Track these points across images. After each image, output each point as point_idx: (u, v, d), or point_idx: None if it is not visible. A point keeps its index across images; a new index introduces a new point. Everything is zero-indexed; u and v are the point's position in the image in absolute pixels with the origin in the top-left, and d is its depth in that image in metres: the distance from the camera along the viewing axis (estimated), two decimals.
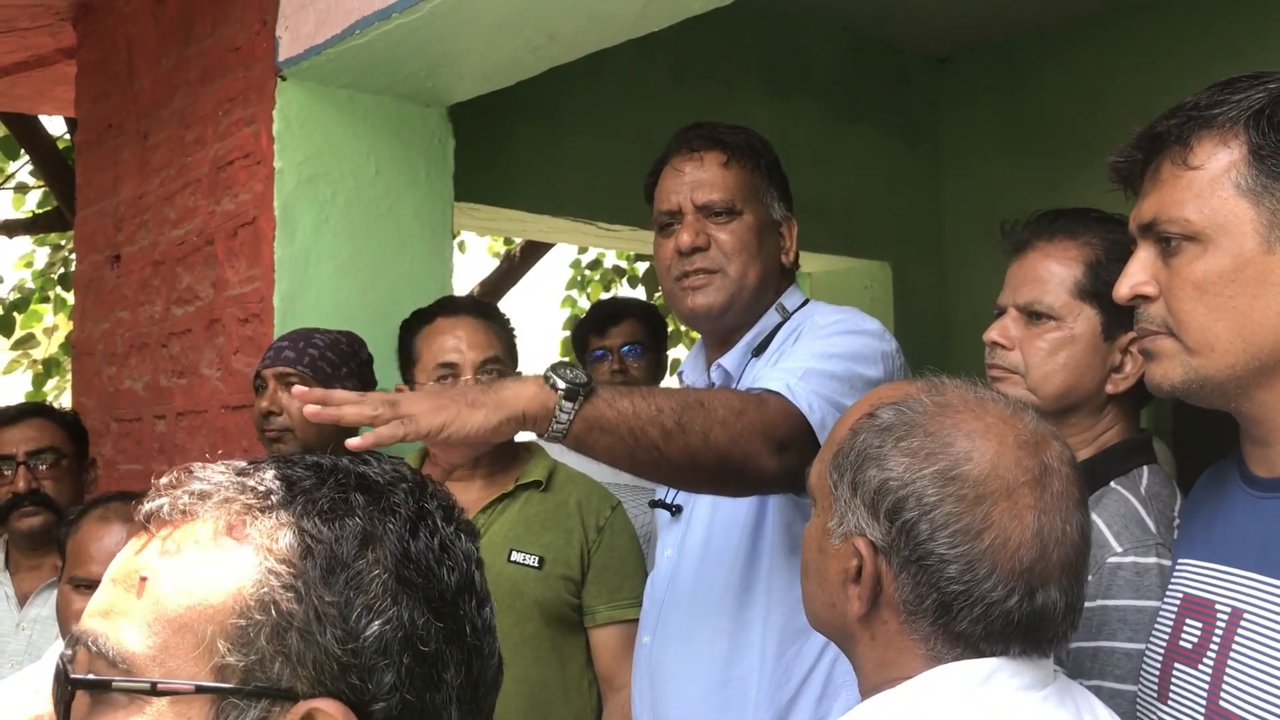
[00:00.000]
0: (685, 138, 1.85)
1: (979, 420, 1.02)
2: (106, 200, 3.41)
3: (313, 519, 0.77)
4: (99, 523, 1.92)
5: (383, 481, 0.82)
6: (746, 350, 1.83)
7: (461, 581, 0.81)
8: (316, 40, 2.52)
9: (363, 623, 0.75)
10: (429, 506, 0.83)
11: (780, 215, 1.85)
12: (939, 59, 4.94)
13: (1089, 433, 1.53)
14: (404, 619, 0.76)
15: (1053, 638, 1.01)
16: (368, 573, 0.76)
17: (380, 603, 0.76)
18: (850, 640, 1.07)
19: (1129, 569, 1.38)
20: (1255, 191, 1.07)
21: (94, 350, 3.44)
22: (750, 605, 1.74)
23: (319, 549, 0.76)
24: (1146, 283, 1.16)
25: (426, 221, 2.87)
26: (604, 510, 2.18)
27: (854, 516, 1.03)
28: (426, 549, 0.79)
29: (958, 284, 4.75)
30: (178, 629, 0.75)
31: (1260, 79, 1.10)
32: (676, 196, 1.81)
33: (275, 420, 2.31)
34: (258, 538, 0.76)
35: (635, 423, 1.41)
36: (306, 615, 0.74)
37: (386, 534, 0.78)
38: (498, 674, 0.85)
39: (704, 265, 1.77)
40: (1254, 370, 1.09)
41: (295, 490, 0.79)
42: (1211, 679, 1.12)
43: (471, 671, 0.80)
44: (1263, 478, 1.14)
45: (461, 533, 0.84)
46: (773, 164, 1.86)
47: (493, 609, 0.85)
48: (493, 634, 0.84)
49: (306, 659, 0.74)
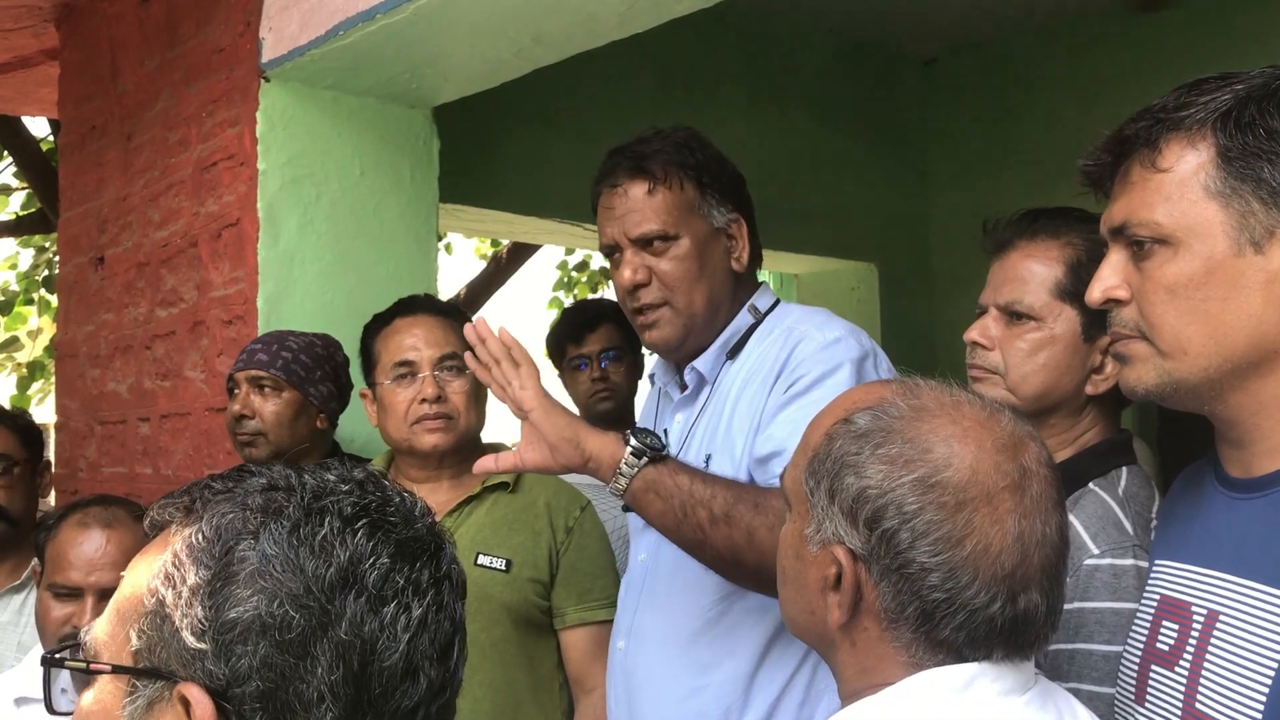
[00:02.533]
0: (608, 169, 1.82)
1: (956, 424, 1.01)
2: (90, 202, 3.39)
3: (212, 521, 0.84)
4: (78, 529, 1.89)
5: (300, 484, 0.86)
6: (720, 353, 1.82)
7: (338, 577, 0.81)
8: (300, 41, 2.52)
9: (222, 612, 0.80)
10: (335, 506, 0.85)
11: (724, 220, 1.80)
12: (925, 61, 4.96)
13: (1068, 434, 1.53)
14: (260, 609, 0.80)
15: (1034, 641, 1.01)
16: (236, 566, 0.81)
17: (241, 591, 0.80)
18: (830, 647, 1.06)
19: (1106, 571, 1.38)
20: (1224, 194, 1.07)
21: (78, 353, 3.42)
22: (729, 611, 1.73)
23: (200, 545, 0.83)
24: (1118, 286, 1.16)
25: (411, 223, 2.87)
26: (573, 510, 2.16)
27: (832, 524, 1.02)
28: (300, 544, 0.82)
29: (944, 285, 4.77)
30: (119, 618, 0.85)
31: (1227, 80, 1.09)
32: (610, 231, 1.81)
33: (247, 424, 2.31)
34: (176, 539, 0.85)
35: (688, 499, 1.47)
36: (175, 603, 0.81)
37: (263, 531, 0.82)
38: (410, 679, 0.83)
39: (649, 300, 1.78)
40: (1227, 373, 1.09)
41: (218, 495, 0.86)
42: (1188, 681, 1.12)
43: (353, 669, 0.80)
44: (1238, 479, 1.15)
45: (367, 533, 0.84)
46: (703, 168, 1.79)
47: (419, 614, 0.84)
48: (409, 636, 0.83)
49: (175, 645, 0.81)
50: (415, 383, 2.09)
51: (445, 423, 2.08)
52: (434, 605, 0.86)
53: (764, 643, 1.71)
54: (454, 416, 2.09)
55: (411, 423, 2.08)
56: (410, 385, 2.09)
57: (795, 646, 1.68)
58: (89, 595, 1.85)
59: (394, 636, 0.82)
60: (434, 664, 0.85)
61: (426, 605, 0.85)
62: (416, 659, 0.84)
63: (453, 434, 2.09)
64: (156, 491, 2.90)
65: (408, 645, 0.83)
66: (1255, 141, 1.05)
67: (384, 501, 0.88)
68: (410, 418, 2.08)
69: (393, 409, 2.10)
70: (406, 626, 0.83)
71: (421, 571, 0.86)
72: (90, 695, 0.85)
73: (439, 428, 2.08)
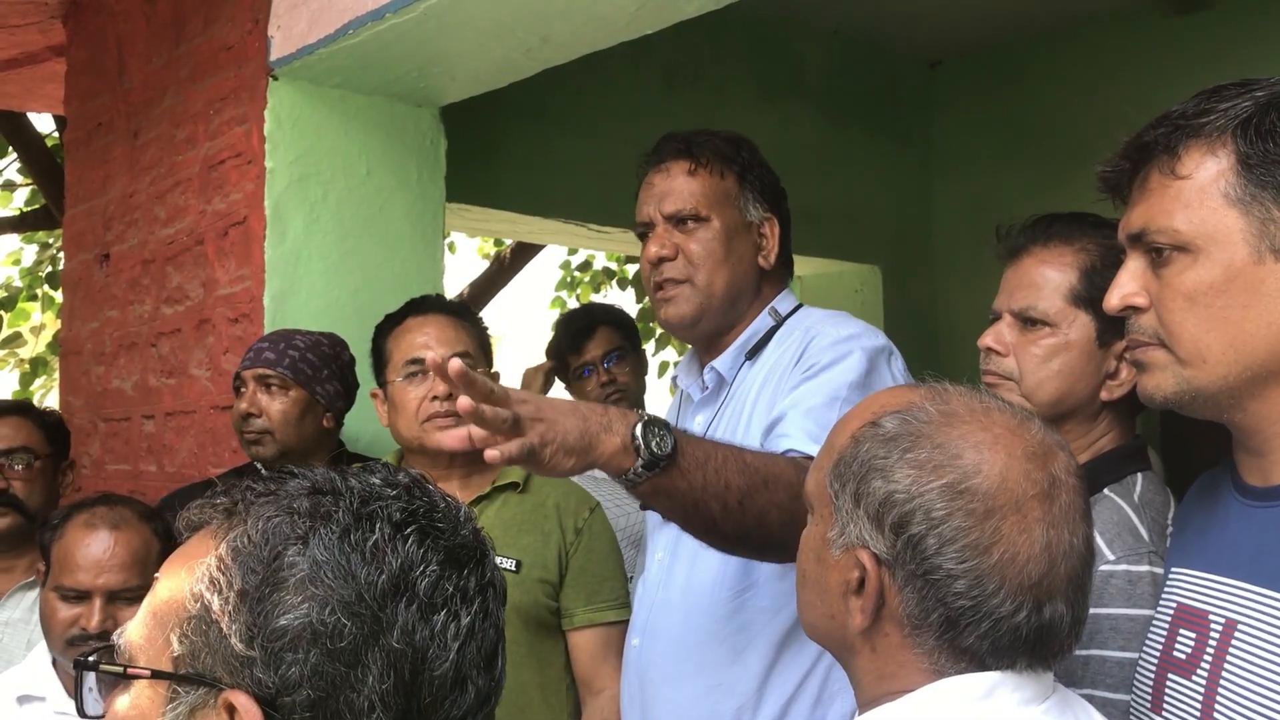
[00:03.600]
0: (655, 149, 1.88)
1: (986, 431, 1.00)
2: (96, 199, 3.39)
3: (257, 524, 0.82)
4: (85, 530, 1.86)
5: (347, 488, 0.85)
6: (739, 353, 1.84)
7: (390, 585, 0.80)
8: (309, 40, 2.51)
9: (272, 619, 0.78)
10: (384, 511, 0.83)
11: (757, 217, 1.85)
12: (930, 64, 4.96)
13: (1083, 439, 1.52)
14: (311, 616, 0.78)
15: (1058, 651, 1.00)
16: (286, 572, 0.80)
17: (291, 598, 0.79)
18: (849, 652, 1.05)
19: (1121, 577, 1.37)
20: (1244, 201, 1.07)
21: (82, 349, 3.42)
22: (743, 609, 1.74)
23: (248, 550, 0.81)
24: (1137, 293, 1.15)
25: (418, 222, 2.87)
26: (582, 512, 2.16)
27: (856, 528, 1.01)
28: (352, 551, 0.80)
29: (948, 288, 4.76)
30: (156, 622, 0.83)
31: (1247, 87, 1.09)
32: (647, 208, 1.85)
33: (254, 422, 2.31)
34: (219, 543, 0.83)
35: (701, 496, 1.45)
36: (222, 609, 0.80)
37: (312, 536, 0.81)
38: (459, 689, 0.82)
39: (672, 275, 1.81)
40: (1246, 381, 1.09)
41: (261, 498, 0.84)
42: (1206, 690, 1.12)
43: (404, 678, 0.79)
44: (1257, 487, 1.14)
45: (417, 540, 0.83)
46: (748, 166, 1.86)
47: (468, 622, 0.83)
48: (459, 645, 0.82)
49: (221, 651, 0.79)
50: (427, 380, 2.09)
51: (457, 421, 2.07)
52: (480, 613, 0.85)
53: (778, 642, 1.72)
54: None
55: (423, 420, 2.08)
56: (422, 383, 2.10)
57: (809, 646, 1.67)
58: (97, 597, 1.83)
59: (444, 645, 0.81)
60: (481, 673, 0.84)
61: (474, 613, 0.84)
62: (465, 668, 0.83)
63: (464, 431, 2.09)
64: (161, 489, 2.90)
65: (457, 654, 0.82)
66: (1276, 149, 1.05)
67: (431, 507, 0.86)
68: (422, 415, 2.08)
69: (404, 407, 2.11)
70: (456, 635, 0.82)
71: (469, 579, 0.85)
72: (125, 700, 0.84)
73: (450, 425, 2.07)
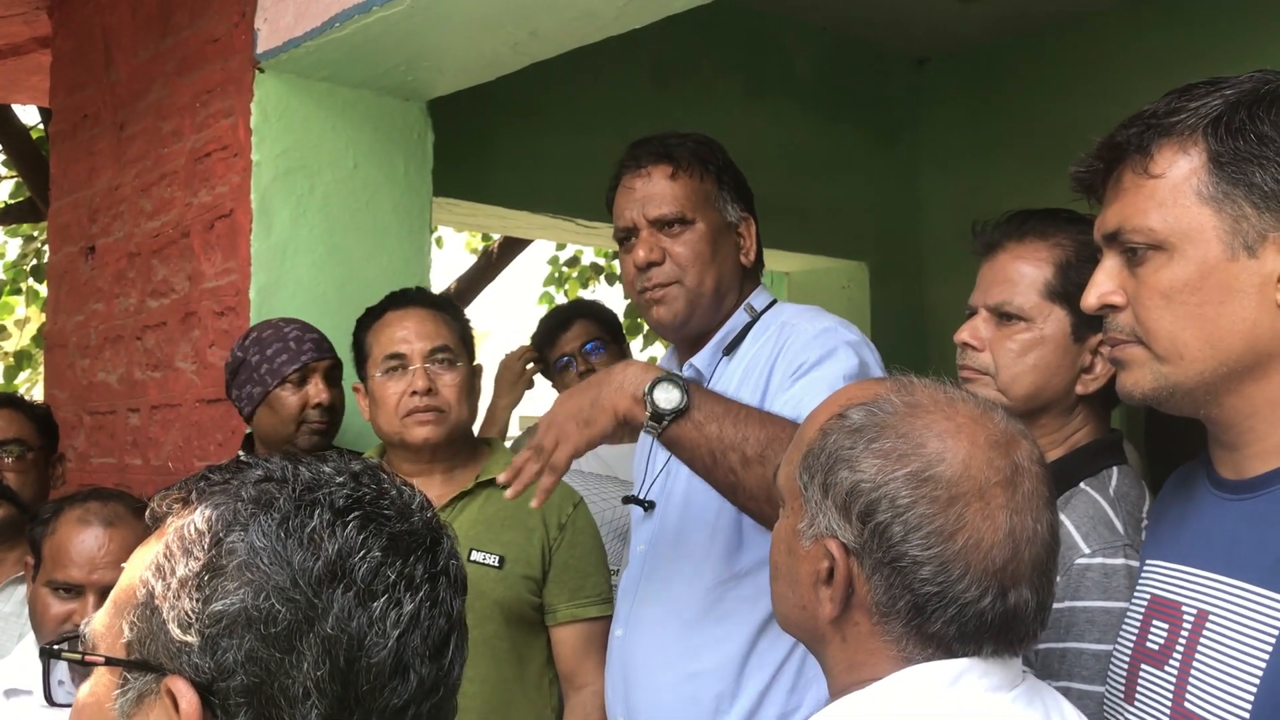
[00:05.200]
0: (633, 154, 1.89)
1: (950, 420, 1.01)
2: (81, 191, 3.38)
3: (204, 512, 0.82)
4: (78, 525, 1.86)
5: (295, 475, 0.85)
6: (717, 350, 1.87)
7: (326, 570, 0.80)
8: (296, 33, 2.51)
9: (209, 604, 0.79)
10: (327, 498, 0.83)
11: (736, 217, 1.88)
12: (917, 61, 4.97)
13: (1059, 433, 1.54)
14: (246, 602, 0.78)
15: (1024, 636, 1.01)
16: (225, 559, 0.80)
17: (229, 584, 0.79)
18: (820, 642, 1.07)
19: (1097, 570, 1.39)
20: (1217, 199, 1.08)
21: (67, 342, 3.41)
22: (722, 599, 1.76)
23: (191, 537, 0.81)
24: (1114, 292, 1.16)
25: (405, 216, 2.87)
26: (566, 507, 2.15)
27: (825, 518, 1.02)
28: (288, 537, 0.80)
29: (934, 284, 4.78)
30: (115, 610, 0.85)
31: (1217, 85, 1.10)
32: (630, 213, 1.86)
33: (334, 413, 2.36)
34: (169, 531, 0.84)
35: (717, 446, 1.49)
36: (163, 595, 0.80)
37: (252, 522, 0.81)
38: (399, 677, 0.81)
39: (661, 279, 1.83)
40: (1223, 376, 1.10)
41: (214, 486, 0.85)
42: (1177, 680, 1.13)
43: (339, 664, 0.79)
44: (1230, 480, 1.15)
45: (357, 525, 0.82)
46: (723, 167, 1.89)
47: (411, 610, 0.82)
48: (399, 633, 0.81)
49: (162, 637, 0.80)
50: (406, 375, 2.08)
51: (436, 415, 2.08)
52: (428, 601, 0.83)
53: (756, 630, 1.74)
54: (445, 409, 2.08)
55: (403, 415, 2.08)
56: (401, 378, 2.09)
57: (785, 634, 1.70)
58: (90, 593, 1.83)
59: (383, 632, 0.80)
60: (426, 661, 0.83)
61: (419, 601, 0.82)
62: (407, 656, 0.81)
63: (444, 426, 2.09)
64: (146, 483, 2.90)
65: (397, 641, 0.81)
66: (1246, 146, 1.06)
67: (379, 494, 0.86)
68: (401, 410, 2.08)
69: (384, 401, 2.10)
70: (397, 622, 0.81)
71: (415, 566, 0.83)
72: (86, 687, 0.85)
73: (430, 420, 2.07)
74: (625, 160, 1.91)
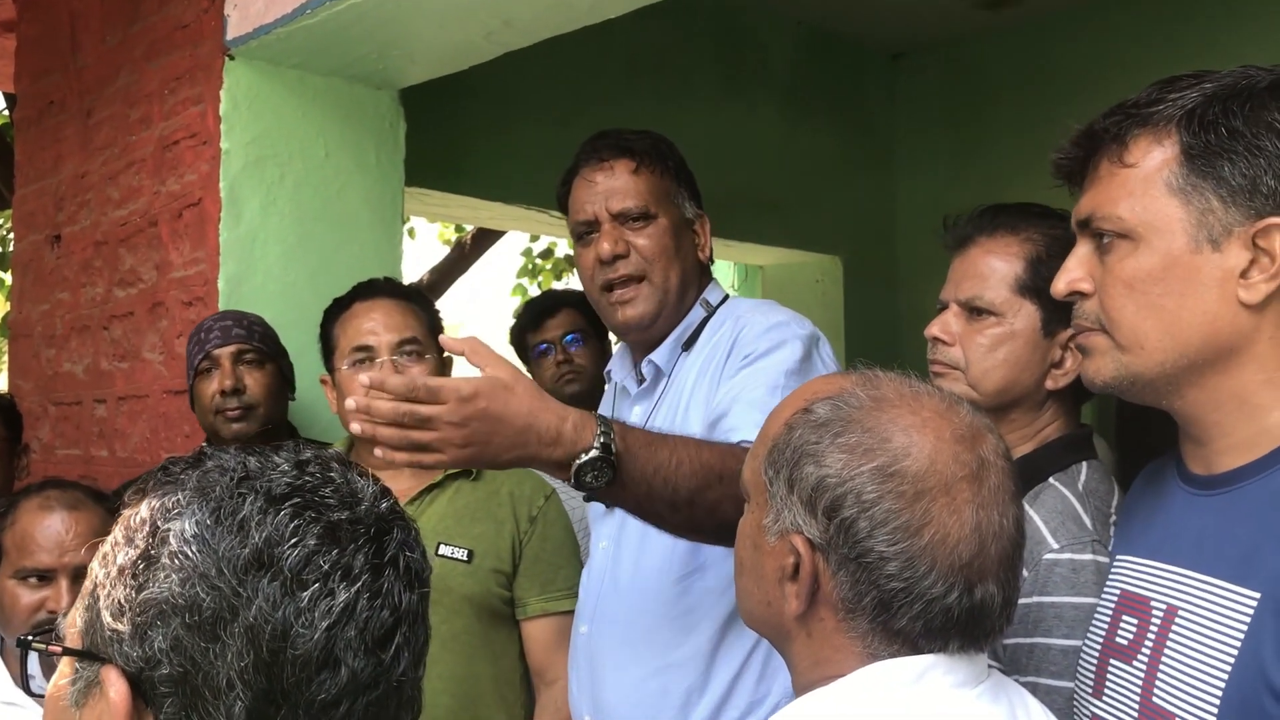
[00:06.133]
0: (593, 147, 1.88)
1: (915, 415, 1.01)
2: (47, 179, 3.33)
3: (151, 502, 0.82)
4: (41, 511, 1.85)
5: (239, 464, 0.83)
6: (676, 345, 1.87)
7: (252, 558, 0.78)
8: (266, 19, 2.48)
9: (142, 593, 0.78)
10: (264, 486, 0.81)
11: (692, 214, 1.89)
12: (893, 55, 4.98)
13: (1029, 428, 1.54)
14: (171, 590, 0.77)
15: (989, 632, 1.01)
16: (159, 548, 0.79)
17: (159, 573, 0.78)
18: (785, 638, 1.06)
19: (1065, 566, 1.39)
20: (1185, 191, 1.08)
21: (32, 332, 3.37)
22: (688, 592, 1.76)
23: (135, 526, 0.81)
24: (1082, 279, 1.17)
25: (376, 206, 2.84)
26: (537, 500, 2.13)
27: (790, 514, 1.02)
28: (217, 524, 0.79)
29: (908, 278, 4.80)
30: (81, 600, 0.84)
31: (1199, 79, 1.11)
32: (591, 206, 1.84)
33: (239, 399, 2.29)
34: (119, 521, 0.84)
35: (645, 501, 1.45)
36: (102, 584, 0.80)
37: (188, 511, 0.80)
38: (329, 670, 0.78)
39: (627, 271, 1.81)
40: (1183, 368, 1.10)
41: (167, 477, 0.84)
42: (1146, 675, 1.13)
43: (263, 655, 0.76)
44: (1199, 475, 1.16)
45: (290, 514, 0.80)
46: (679, 164, 1.90)
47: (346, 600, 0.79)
48: (329, 624, 0.78)
49: (99, 626, 0.79)
50: (373, 368, 2.03)
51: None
52: (367, 592, 0.80)
53: (723, 621, 1.74)
54: None
55: None
56: (368, 370, 2.04)
57: None
58: (62, 577, 1.82)
59: (310, 623, 0.77)
60: (362, 655, 0.79)
61: (356, 592, 0.79)
62: (338, 648, 0.78)
63: None
64: (112, 474, 2.86)
65: (327, 633, 0.78)
66: (1217, 140, 1.07)
67: (322, 483, 0.83)
68: None
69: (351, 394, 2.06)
70: (327, 613, 0.78)
71: (354, 556, 0.80)
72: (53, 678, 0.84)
73: None
74: (583, 153, 1.89)
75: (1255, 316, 1.07)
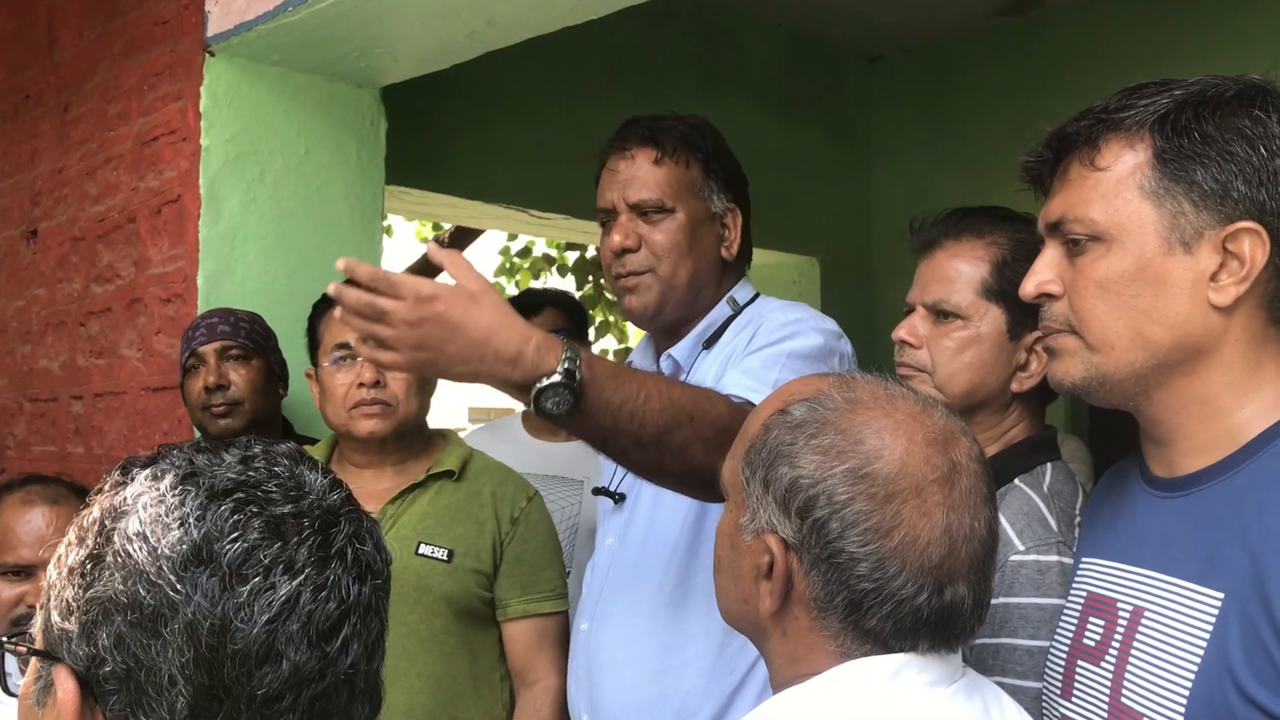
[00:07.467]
0: (621, 134, 1.85)
1: (889, 417, 1.02)
2: (23, 173, 3.31)
3: (104, 501, 0.83)
4: (22, 506, 1.84)
5: (184, 461, 0.84)
6: (697, 342, 1.83)
7: (191, 553, 0.78)
8: (247, 16, 2.48)
9: (88, 591, 0.79)
10: (206, 481, 0.81)
11: (721, 207, 1.84)
12: (870, 58, 5.01)
13: (994, 430, 1.55)
14: (114, 587, 0.78)
15: (960, 633, 1.02)
16: (105, 547, 0.80)
17: (104, 571, 0.79)
18: (762, 635, 1.08)
19: (1031, 567, 1.40)
20: (1158, 194, 1.10)
21: (8, 328, 3.35)
22: (691, 596, 1.73)
23: (87, 526, 0.83)
24: (1052, 281, 1.18)
25: (357, 204, 2.84)
26: (519, 501, 2.12)
27: (765, 513, 1.03)
28: (156, 521, 0.79)
29: (885, 280, 4.82)
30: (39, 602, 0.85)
31: (1167, 86, 1.13)
32: (610, 194, 1.82)
33: (225, 394, 2.30)
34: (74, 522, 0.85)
35: (610, 435, 1.40)
36: (53, 584, 0.82)
37: (133, 509, 0.81)
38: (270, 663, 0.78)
39: (634, 267, 1.79)
40: (1152, 369, 1.12)
41: (125, 476, 0.85)
42: (1114, 676, 1.15)
43: (203, 650, 0.77)
44: (1162, 477, 1.18)
45: (232, 508, 0.80)
46: (713, 155, 1.84)
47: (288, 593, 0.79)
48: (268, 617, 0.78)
49: (51, 626, 0.81)
50: (355, 366, 2.03)
51: (383, 409, 2.03)
52: (311, 585, 0.80)
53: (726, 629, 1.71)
54: (393, 403, 2.03)
55: (349, 407, 2.03)
56: (350, 368, 2.04)
57: None
58: (42, 571, 1.81)
59: (249, 618, 0.77)
60: (305, 647, 0.79)
61: (299, 585, 0.79)
62: (279, 642, 0.78)
63: (391, 420, 2.04)
64: (88, 472, 2.85)
65: (267, 627, 0.78)
66: (1190, 145, 1.09)
67: (267, 477, 0.83)
68: (348, 402, 2.03)
69: (331, 392, 2.06)
70: (268, 606, 0.78)
71: (298, 549, 0.80)
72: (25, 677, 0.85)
73: (376, 413, 2.02)
74: (612, 139, 1.86)
75: (1224, 319, 1.09)
